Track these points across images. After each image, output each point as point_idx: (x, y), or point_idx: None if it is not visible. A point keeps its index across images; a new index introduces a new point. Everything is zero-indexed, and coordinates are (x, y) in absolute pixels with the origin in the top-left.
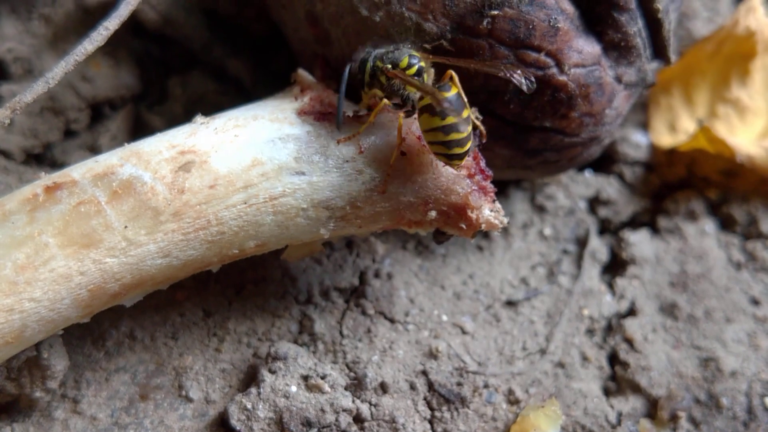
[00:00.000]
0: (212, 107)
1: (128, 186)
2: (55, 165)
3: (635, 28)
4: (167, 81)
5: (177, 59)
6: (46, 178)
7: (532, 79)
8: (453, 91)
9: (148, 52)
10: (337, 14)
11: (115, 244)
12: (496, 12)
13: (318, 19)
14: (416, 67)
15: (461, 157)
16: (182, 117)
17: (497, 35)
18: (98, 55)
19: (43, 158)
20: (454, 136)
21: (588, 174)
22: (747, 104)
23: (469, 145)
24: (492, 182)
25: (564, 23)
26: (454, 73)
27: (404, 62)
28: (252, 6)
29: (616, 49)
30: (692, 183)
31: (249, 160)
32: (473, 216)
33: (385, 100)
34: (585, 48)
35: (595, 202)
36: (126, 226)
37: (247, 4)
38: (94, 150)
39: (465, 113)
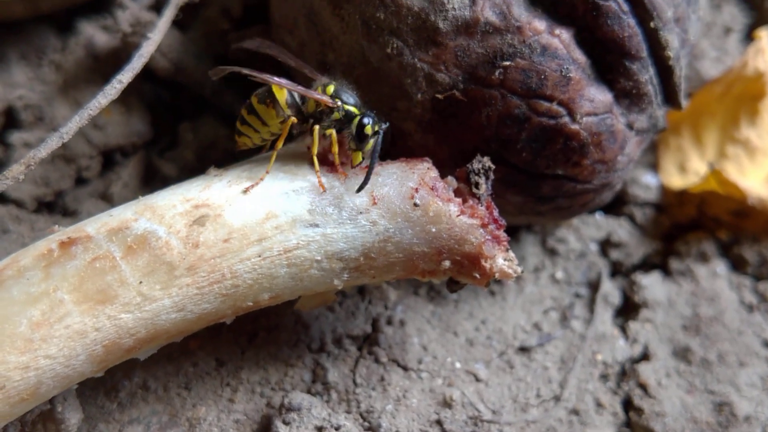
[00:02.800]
0: (223, 152)
1: (143, 241)
2: (67, 213)
3: (647, 75)
4: (178, 127)
5: (188, 105)
6: (61, 233)
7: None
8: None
9: (159, 98)
10: (349, 64)
11: (130, 299)
12: (508, 63)
13: (330, 68)
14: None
15: None
16: (193, 163)
17: (509, 85)
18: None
19: (55, 206)
20: None
21: (599, 216)
22: (756, 144)
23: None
24: (505, 230)
25: (576, 73)
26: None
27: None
28: (262, 52)
29: (628, 96)
30: (703, 224)
31: (263, 212)
32: (487, 265)
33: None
34: (597, 96)
35: (606, 245)
36: (141, 282)
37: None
38: (106, 198)
39: None
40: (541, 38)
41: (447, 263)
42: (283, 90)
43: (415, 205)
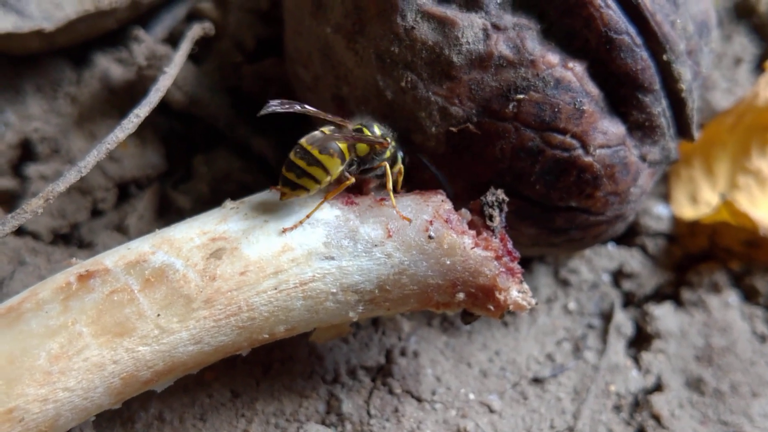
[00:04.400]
0: (237, 185)
1: (161, 274)
2: (83, 245)
3: (659, 108)
4: (192, 159)
5: (202, 137)
6: (79, 266)
7: None
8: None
9: (174, 130)
10: (364, 97)
11: (148, 332)
12: (521, 96)
13: (344, 101)
14: None
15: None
16: (207, 195)
17: (523, 118)
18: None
19: (71, 238)
20: None
21: (611, 247)
22: (767, 175)
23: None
24: (519, 261)
25: (589, 105)
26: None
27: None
28: (276, 84)
29: (641, 129)
30: (715, 254)
31: (279, 245)
32: (501, 297)
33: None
34: (610, 129)
35: (618, 275)
36: (159, 314)
37: (271, 82)
38: (121, 230)
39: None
40: (555, 71)
41: (461, 295)
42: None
43: (430, 237)
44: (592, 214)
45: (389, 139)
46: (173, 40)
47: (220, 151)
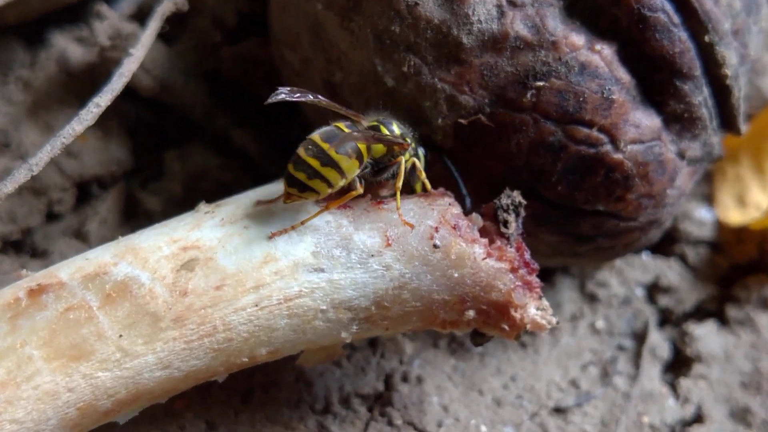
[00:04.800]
0: (215, 184)
1: (123, 288)
2: (36, 254)
3: (700, 97)
4: (163, 154)
5: (174, 129)
6: (29, 279)
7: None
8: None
9: (142, 121)
10: (360, 85)
11: (108, 355)
12: (541, 83)
13: (337, 88)
14: None
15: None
16: (181, 196)
17: (543, 109)
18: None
19: (23, 246)
20: None
21: (645, 257)
22: None
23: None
24: (538, 274)
25: (619, 94)
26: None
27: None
28: (260, 67)
29: (679, 121)
30: (765, 265)
31: (261, 255)
32: (517, 315)
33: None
34: (643, 121)
35: (654, 290)
36: (121, 335)
37: (255, 66)
38: (81, 236)
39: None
40: (580, 55)
41: (471, 313)
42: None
43: (435, 246)
44: (622, 219)
45: (409, 140)
46: (141, 16)
47: (196, 145)
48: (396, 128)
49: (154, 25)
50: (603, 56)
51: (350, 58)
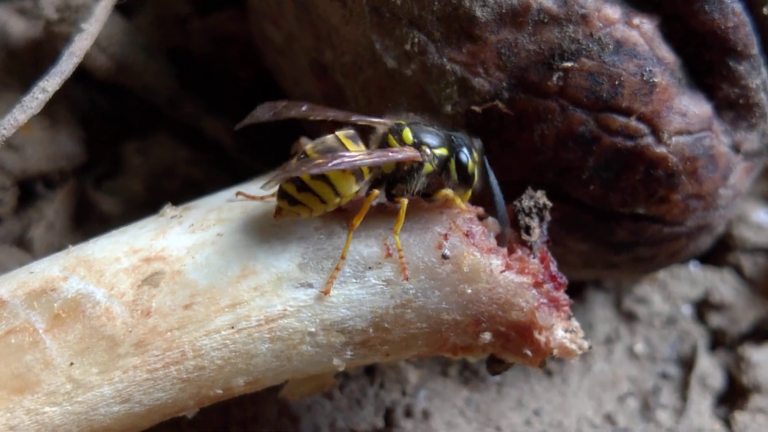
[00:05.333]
0: (183, 182)
1: (75, 307)
2: None
3: (758, 80)
4: (122, 147)
5: (134, 118)
6: None
7: None
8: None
9: (96, 108)
10: (354, 65)
11: (57, 387)
12: (569, 64)
13: (327, 69)
14: None
15: None
16: (142, 196)
17: (571, 94)
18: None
19: None
20: None
21: (693, 268)
22: None
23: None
24: (566, 289)
25: (662, 77)
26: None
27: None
28: (235, 44)
29: (733, 108)
30: None
31: (237, 268)
32: (542, 339)
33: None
34: (690, 109)
35: (703, 307)
36: (72, 363)
37: (229, 43)
38: (23, 244)
39: None
40: (615, 30)
41: (487, 336)
42: (360, 146)
43: (444, 257)
44: (666, 223)
45: (428, 150)
46: None
47: (160, 137)
48: (409, 134)
49: None
50: (642, 32)
51: (343, 34)
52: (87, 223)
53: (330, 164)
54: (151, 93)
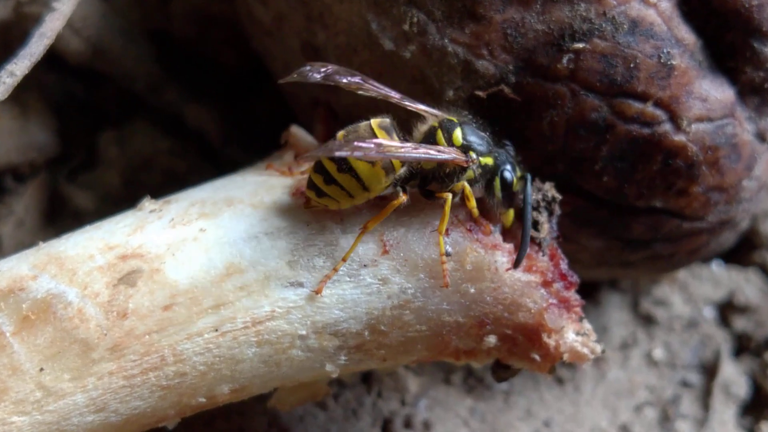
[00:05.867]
0: (163, 175)
1: (45, 308)
2: None
3: None
4: (97, 137)
5: (111, 105)
6: None
7: None
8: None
9: (70, 95)
10: (349, 47)
11: (25, 395)
12: (581, 45)
13: (320, 52)
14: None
15: None
16: (119, 190)
17: (583, 78)
18: None
19: None
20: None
21: (716, 267)
22: None
23: None
24: (578, 289)
25: (681, 59)
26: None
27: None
28: (220, 26)
29: (758, 93)
30: None
31: (222, 266)
32: (551, 342)
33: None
34: (712, 94)
35: (727, 309)
36: (42, 369)
37: (214, 24)
38: None
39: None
40: (630, 8)
41: (492, 339)
42: (394, 138)
43: (446, 254)
44: (685, 218)
45: (475, 156)
46: None
47: (139, 126)
48: (481, 142)
49: None
50: (660, 10)
51: (336, 13)
52: (60, 219)
53: (374, 152)
54: (130, 79)
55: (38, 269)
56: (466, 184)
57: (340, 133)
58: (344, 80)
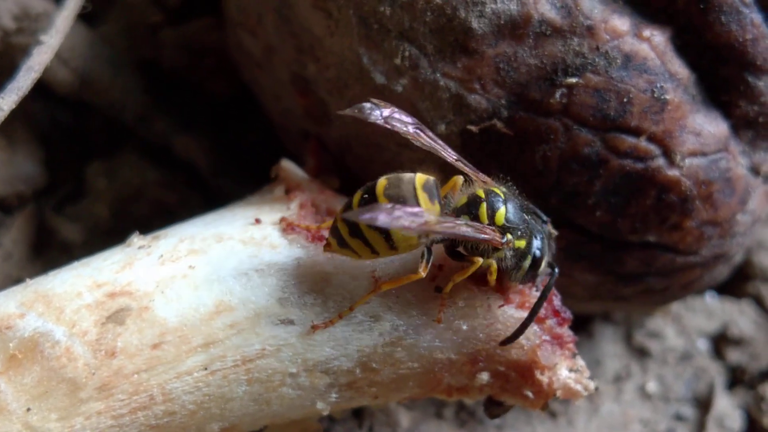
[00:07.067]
0: (152, 207)
1: (32, 347)
2: None
3: None
4: (85, 168)
5: (100, 136)
6: None
7: None
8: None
9: (58, 125)
10: (339, 80)
11: None
12: (574, 80)
13: (310, 84)
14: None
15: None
16: (108, 223)
17: (576, 113)
18: None
19: None
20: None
21: (710, 299)
22: None
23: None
24: (572, 324)
25: (674, 94)
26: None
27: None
28: (211, 56)
29: (752, 127)
30: None
31: (211, 304)
32: (544, 379)
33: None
34: (705, 128)
35: (721, 342)
36: (29, 408)
37: (204, 55)
38: None
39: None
40: (624, 43)
41: (485, 376)
42: (434, 204)
43: (438, 290)
44: (679, 253)
45: (511, 238)
46: None
47: (128, 157)
48: (502, 214)
49: (72, 4)
50: (653, 45)
51: (327, 46)
52: (47, 251)
53: (417, 226)
54: (118, 109)
55: (25, 307)
56: (493, 262)
57: (381, 182)
58: (403, 128)
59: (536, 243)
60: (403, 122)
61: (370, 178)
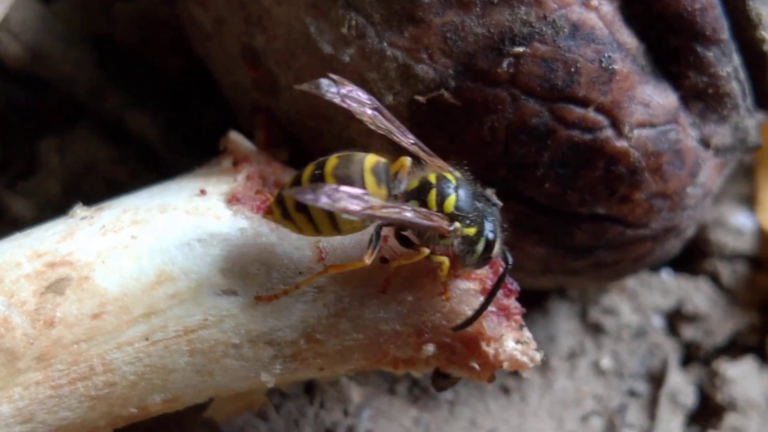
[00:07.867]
0: (105, 183)
1: None
2: None
3: (729, 67)
4: (37, 144)
5: (53, 112)
6: None
7: None
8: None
9: (8, 101)
10: (288, 51)
11: None
12: (521, 49)
13: (259, 56)
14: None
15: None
16: (60, 198)
17: (523, 83)
18: None
19: None
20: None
21: (666, 276)
22: None
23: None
24: (520, 297)
25: (622, 64)
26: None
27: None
28: (165, 31)
29: (701, 98)
30: None
31: (153, 274)
32: (490, 351)
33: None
34: (654, 99)
35: (676, 318)
36: None
37: (157, 29)
38: None
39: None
40: (571, 12)
41: (431, 348)
42: (381, 188)
43: (383, 260)
44: (629, 225)
45: (459, 226)
46: None
47: (80, 132)
48: (452, 200)
49: None
50: (601, 14)
51: (275, 16)
52: None
53: (359, 210)
54: (70, 84)
55: None
56: (446, 260)
57: (332, 161)
58: (359, 109)
59: (488, 226)
60: (360, 102)
61: (320, 150)
